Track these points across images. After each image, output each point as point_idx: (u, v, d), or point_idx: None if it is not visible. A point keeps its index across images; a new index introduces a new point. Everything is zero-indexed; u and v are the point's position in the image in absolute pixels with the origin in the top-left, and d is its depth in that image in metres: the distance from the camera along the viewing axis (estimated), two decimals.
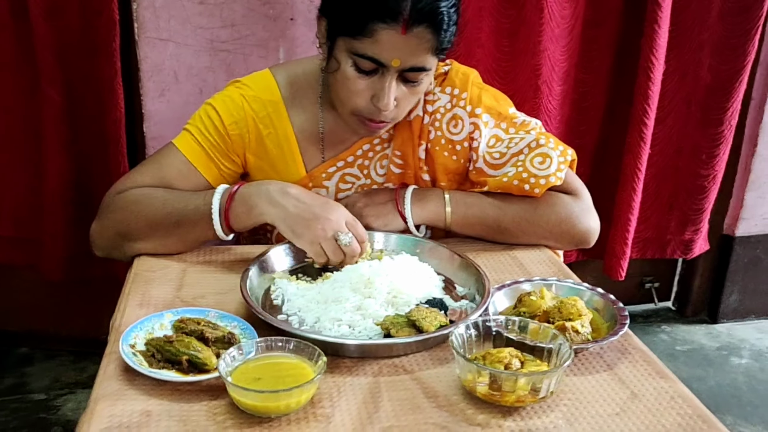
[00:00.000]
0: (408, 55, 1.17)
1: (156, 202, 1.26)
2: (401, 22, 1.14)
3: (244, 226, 1.23)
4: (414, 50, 1.17)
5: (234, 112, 1.34)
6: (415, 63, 1.19)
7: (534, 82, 1.90)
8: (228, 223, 1.23)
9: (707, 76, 2.07)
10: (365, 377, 0.96)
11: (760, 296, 2.55)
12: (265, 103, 1.36)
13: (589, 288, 1.14)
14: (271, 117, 1.36)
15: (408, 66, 1.19)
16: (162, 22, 1.76)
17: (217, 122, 1.34)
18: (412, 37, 1.15)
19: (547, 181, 1.32)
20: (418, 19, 1.14)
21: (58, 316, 2.17)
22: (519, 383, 0.87)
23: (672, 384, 0.96)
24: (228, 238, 1.26)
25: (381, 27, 1.14)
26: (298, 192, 1.21)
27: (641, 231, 2.27)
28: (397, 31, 1.14)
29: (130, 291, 1.16)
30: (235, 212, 1.22)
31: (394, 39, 1.15)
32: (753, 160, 2.34)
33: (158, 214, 1.24)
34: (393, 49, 1.16)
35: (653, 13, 1.87)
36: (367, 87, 1.22)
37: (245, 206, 1.21)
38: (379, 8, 1.13)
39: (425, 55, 1.18)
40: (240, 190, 1.23)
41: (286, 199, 1.19)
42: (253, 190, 1.22)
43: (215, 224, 1.22)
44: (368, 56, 1.17)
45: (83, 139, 1.86)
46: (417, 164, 1.38)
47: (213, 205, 1.22)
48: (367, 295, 1.10)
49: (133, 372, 0.93)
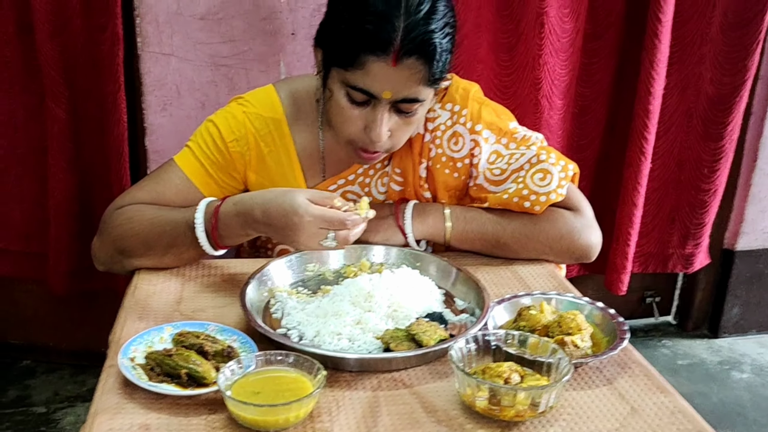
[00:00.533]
0: (399, 86, 1.16)
1: (146, 221, 1.25)
2: (391, 54, 1.12)
3: (233, 241, 1.24)
4: (405, 82, 1.15)
5: (235, 129, 1.34)
6: (407, 94, 1.17)
7: (534, 97, 1.91)
8: (218, 244, 1.22)
9: (708, 90, 2.08)
10: (364, 391, 0.96)
11: (761, 310, 2.55)
12: (267, 120, 1.35)
13: (588, 302, 1.14)
14: (273, 135, 1.36)
15: (400, 97, 1.17)
16: (165, 37, 1.77)
17: (218, 139, 1.34)
18: (403, 69, 1.14)
19: (547, 199, 1.32)
20: (409, 50, 1.12)
21: (59, 329, 2.18)
22: (518, 398, 0.87)
23: (672, 399, 0.96)
24: (216, 254, 1.25)
25: (371, 59, 1.13)
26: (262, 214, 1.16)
27: (643, 245, 2.27)
28: (387, 63, 1.13)
29: (130, 304, 1.16)
30: (224, 239, 1.22)
31: (385, 71, 1.14)
32: (753, 175, 2.34)
33: (151, 234, 1.24)
34: (384, 81, 1.15)
35: (653, 27, 1.88)
36: (360, 117, 1.21)
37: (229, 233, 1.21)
38: (369, 40, 1.12)
39: (417, 86, 1.16)
40: (222, 210, 1.21)
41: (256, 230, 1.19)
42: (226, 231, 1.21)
43: (206, 248, 1.22)
44: (359, 88, 1.16)
45: (87, 154, 1.87)
46: (417, 182, 1.38)
47: (201, 242, 1.21)
48: (367, 308, 1.10)
49: (132, 385, 0.93)
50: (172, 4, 1.75)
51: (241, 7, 1.79)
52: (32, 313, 2.15)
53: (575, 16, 1.89)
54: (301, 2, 1.80)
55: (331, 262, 1.30)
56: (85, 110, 1.83)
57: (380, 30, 1.11)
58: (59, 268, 1.92)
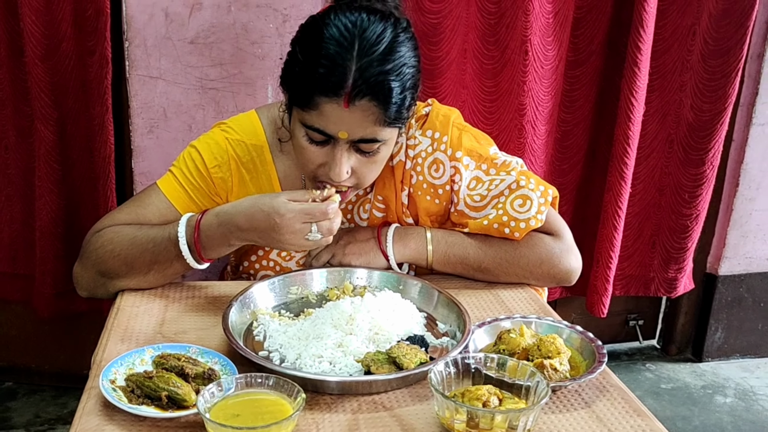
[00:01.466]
0: (354, 127, 1.16)
1: (127, 243, 1.26)
2: (343, 96, 1.13)
3: (218, 253, 1.25)
4: (360, 123, 1.16)
5: (217, 155, 1.35)
6: (363, 135, 1.18)
7: (519, 122, 1.93)
8: (202, 258, 1.25)
9: (689, 117, 2.11)
10: (344, 414, 0.96)
11: (744, 335, 2.57)
12: (249, 147, 1.36)
13: (568, 326, 1.15)
14: (255, 162, 1.37)
15: (356, 138, 1.18)
16: (153, 60, 1.79)
17: (200, 165, 1.34)
18: (356, 111, 1.14)
19: (527, 225, 1.33)
20: (361, 92, 1.13)
21: (41, 351, 2.16)
22: (496, 421, 0.88)
23: (649, 422, 0.97)
24: (201, 267, 1.27)
25: (324, 100, 1.14)
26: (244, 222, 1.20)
27: (624, 268, 2.29)
28: (339, 105, 1.14)
29: (113, 326, 1.16)
30: (207, 252, 1.24)
31: (338, 112, 1.15)
32: (735, 200, 2.37)
33: (132, 254, 1.25)
34: (338, 122, 1.16)
35: (633, 55, 1.92)
36: (320, 156, 1.22)
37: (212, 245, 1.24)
38: (321, 82, 1.13)
39: (373, 126, 1.17)
40: (203, 221, 1.24)
41: (239, 239, 1.22)
42: (208, 242, 1.24)
43: (190, 262, 1.24)
44: (316, 128, 1.17)
45: (74, 176, 1.88)
46: (400, 209, 1.39)
47: (185, 256, 1.23)
48: (349, 331, 1.11)
49: (113, 407, 0.93)
50: (161, 29, 1.77)
51: (230, 31, 1.81)
52: (15, 334, 2.13)
53: (558, 44, 1.93)
54: (289, 27, 1.82)
55: (314, 285, 1.31)
56: (73, 132, 1.84)
57: (331, 73, 1.12)
58: (44, 290, 1.92)
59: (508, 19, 1.85)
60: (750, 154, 2.31)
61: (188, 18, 1.77)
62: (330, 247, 1.36)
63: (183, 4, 1.76)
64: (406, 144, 1.37)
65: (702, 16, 2.01)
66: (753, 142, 2.30)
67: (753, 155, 2.32)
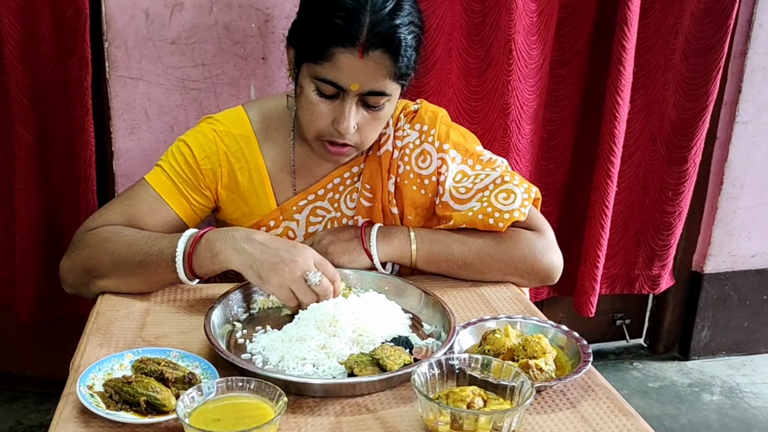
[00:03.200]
0: (367, 78, 1.21)
1: (123, 240, 1.25)
2: (358, 47, 1.18)
3: (207, 271, 1.22)
4: (372, 74, 1.21)
5: (206, 147, 1.37)
6: (373, 87, 1.22)
7: (503, 121, 1.93)
8: (191, 268, 1.22)
9: (672, 115, 2.12)
10: (327, 417, 0.95)
11: (730, 333, 2.58)
12: (237, 137, 1.38)
13: (553, 325, 1.14)
14: (243, 151, 1.38)
15: (367, 90, 1.22)
16: (133, 61, 1.77)
17: (189, 157, 1.36)
18: (370, 62, 1.20)
19: (511, 216, 1.34)
20: (375, 43, 1.18)
21: (23, 357, 2.13)
22: (480, 422, 0.87)
23: (635, 422, 0.96)
24: (192, 284, 1.26)
25: (339, 51, 1.19)
26: (263, 237, 1.21)
27: (610, 267, 2.29)
28: (354, 55, 1.19)
29: (91, 330, 1.14)
30: (199, 257, 1.21)
31: (352, 63, 1.19)
32: (719, 198, 2.38)
33: (123, 252, 1.24)
34: (351, 73, 1.20)
35: (618, 54, 1.92)
36: (328, 111, 1.25)
37: (209, 252, 1.20)
38: (336, 33, 1.18)
39: (384, 79, 1.22)
40: (206, 236, 1.22)
41: (252, 246, 1.19)
42: (218, 236, 1.21)
43: (178, 268, 1.21)
44: (328, 80, 1.21)
45: (54, 178, 1.85)
46: (386, 198, 1.40)
47: (177, 249, 1.21)
48: (332, 333, 1.10)
49: (90, 414, 0.91)
50: (142, 29, 1.75)
51: (212, 31, 1.79)
52: None
53: (542, 43, 1.92)
54: (271, 27, 1.81)
55: None
56: (53, 134, 1.81)
57: (348, 24, 1.18)
58: (26, 294, 1.89)
59: (492, 17, 1.84)
60: (733, 152, 2.32)
61: (169, 18, 1.75)
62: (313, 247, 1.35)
63: (164, 5, 1.74)
64: (394, 135, 1.40)
65: (684, 15, 2.01)
66: (736, 140, 2.31)
67: (736, 153, 2.33)
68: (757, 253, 2.49)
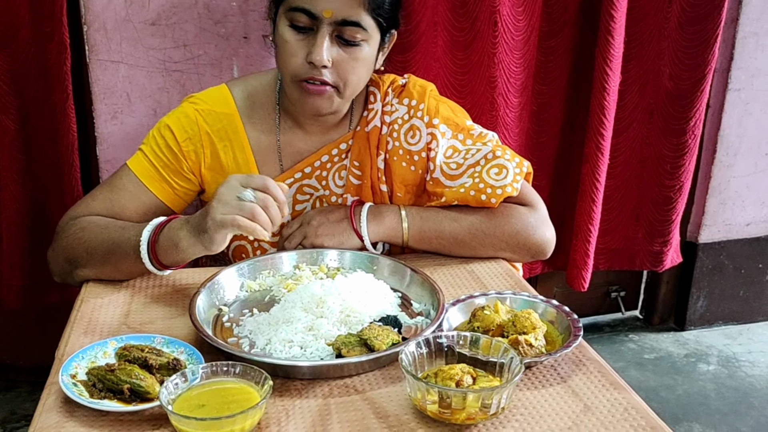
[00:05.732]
0: (339, 5, 1.20)
1: (97, 230, 1.24)
2: None
3: (172, 261, 1.18)
4: (345, 1, 1.20)
5: (188, 129, 1.34)
6: (347, 15, 1.21)
7: (490, 95, 1.90)
8: (156, 258, 1.18)
9: (668, 85, 2.08)
10: (315, 399, 0.94)
11: (725, 302, 2.57)
12: (220, 116, 1.36)
13: (543, 300, 1.13)
14: (227, 130, 1.36)
15: (340, 18, 1.21)
16: (113, 44, 1.73)
17: (171, 140, 1.34)
18: None
19: (503, 191, 1.32)
20: None
21: (15, 346, 2.11)
22: (468, 400, 0.85)
23: (626, 395, 0.95)
24: (162, 273, 1.22)
25: None
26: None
27: (608, 242, 2.26)
28: None
29: (76, 318, 1.13)
30: (162, 246, 1.17)
31: None
32: (713, 167, 2.36)
33: (96, 242, 1.22)
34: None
35: (606, 24, 1.88)
36: (303, 46, 1.24)
37: (171, 240, 1.16)
38: None
39: (357, 9, 1.21)
40: (169, 224, 1.18)
41: (199, 218, 1.13)
42: (179, 223, 1.16)
43: (143, 258, 1.17)
44: (300, 8, 1.21)
45: (39, 166, 1.82)
46: (375, 175, 1.38)
47: (141, 238, 1.17)
48: (319, 314, 1.08)
49: (74, 403, 0.90)
50: (121, 11, 1.71)
51: (192, 11, 1.75)
52: None
53: (529, 15, 1.89)
54: (252, 5, 1.77)
55: (285, 268, 1.28)
56: (36, 121, 1.78)
57: None
58: (12, 282, 1.87)
59: None
60: (726, 120, 2.30)
61: None
62: (302, 229, 1.34)
63: None
64: (382, 110, 1.38)
65: None
66: (729, 108, 2.29)
67: (729, 121, 2.30)
68: (751, 222, 2.48)
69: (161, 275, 1.23)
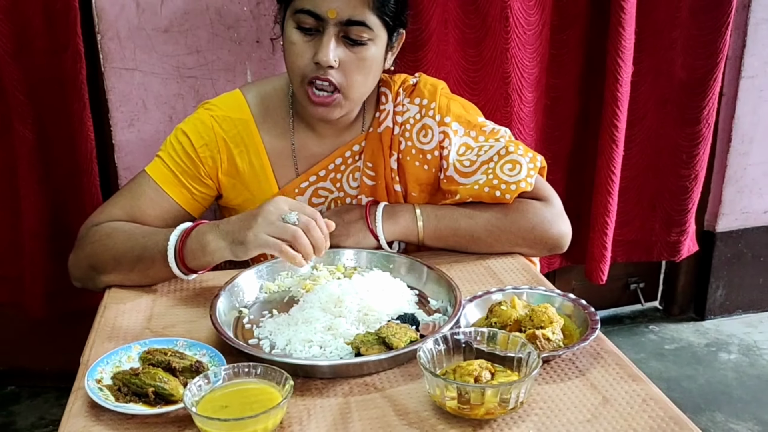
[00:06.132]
0: (344, 5, 1.21)
1: (123, 236, 1.25)
2: None
3: (200, 264, 1.20)
4: (349, 1, 1.21)
5: (204, 135, 1.36)
6: (351, 15, 1.22)
7: (504, 91, 1.90)
8: (183, 263, 1.20)
9: (681, 75, 2.07)
10: (335, 398, 0.95)
11: (745, 291, 2.56)
12: (235, 121, 1.37)
13: (560, 294, 1.13)
14: (242, 135, 1.37)
15: (345, 18, 1.22)
16: (127, 52, 1.76)
17: (188, 146, 1.35)
18: None
19: (517, 187, 1.33)
20: None
21: (41, 353, 2.15)
22: (486, 395, 0.86)
23: (644, 387, 0.95)
24: (188, 278, 1.24)
25: None
26: (242, 214, 1.19)
27: (625, 234, 2.26)
28: None
29: (100, 324, 1.15)
30: (190, 251, 1.19)
31: None
32: (729, 156, 2.34)
33: (122, 248, 1.24)
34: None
35: (617, 15, 1.88)
36: (309, 47, 1.25)
37: (198, 244, 1.18)
38: None
39: (362, 8, 1.22)
40: (196, 228, 1.20)
41: (230, 224, 1.17)
42: (207, 228, 1.19)
43: (171, 263, 1.19)
44: (306, 9, 1.22)
45: (56, 174, 1.85)
46: (389, 175, 1.39)
47: (169, 243, 1.19)
48: (337, 314, 1.10)
49: (100, 407, 0.92)
50: (133, 19, 1.73)
51: (204, 17, 1.77)
52: (12, 338, 2.12)
53: (540, 9, 1.89)
54: (264, 10, 1.79)
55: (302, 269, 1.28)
56: (53, 130, 1.81)
57: None
58: (36, 290, 1.90)
59: None
60: (741, 107, 2.29)
61: (160, 6, 1.74)
62: None
63: None
64: (394, 111, 1.39)
65: None
66: (743, 96, 2.27)
67: (744, 109, 2.29)
68: None
69: (186, 280, 1.24)
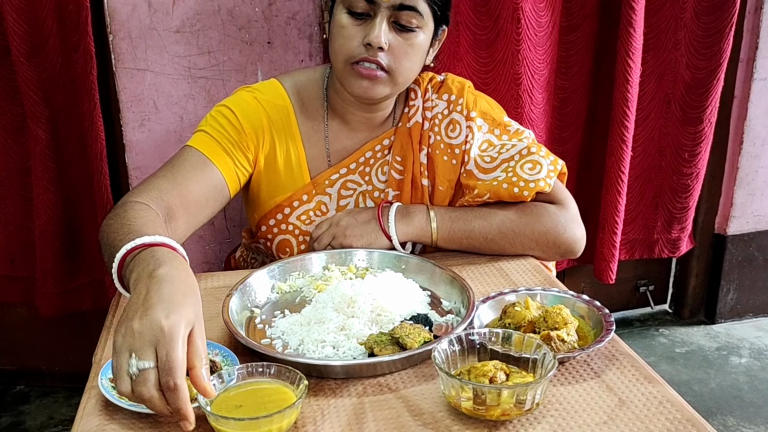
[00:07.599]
0: None
1: (118, 222, 1.09)
2: None
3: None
4: None
5: (249, 112, 1.35)
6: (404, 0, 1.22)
7: (515, 92, 1.90)
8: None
9: (685, 75, 2.08)
10: (349, 398, 0.95)
11: (756, 294, 2.54)
12: (279, 108, 1.38)
13: (574, 295, 1.13)
14: (283, 122, 1.38)
15: (398, 2, 1.23)
16: (139, 52, 1.76)
17: (232, 118, 1.33)
18: None
19: (536, 185, 1.33)
20: None
21: (51, 353, 2.16)
22: (502, 396, 0.86)
23: (660, 389, 0.94)
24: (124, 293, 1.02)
25: None
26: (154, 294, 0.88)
27: (628, 232, 2.27)
28: None
29: (112, 323, 1.15)
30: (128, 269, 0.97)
31: None
32: (740, 158, 2.33)
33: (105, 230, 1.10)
34: None
35: (627, 16, 1.88)
36: (359, 31, 1.25)
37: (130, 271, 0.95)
38: None
39: None
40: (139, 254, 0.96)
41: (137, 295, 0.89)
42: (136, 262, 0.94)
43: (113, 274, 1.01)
44: None
45: (70, 174, 1.86)
46: (418, 169, 1.40)
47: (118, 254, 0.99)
48: (350, 314, 1.09)
49: (114, 406, 0.91)
50: (145, 20, 1.74)
51: (216, 18, 1.78)
52: (23, 337, 2.13)
53: (551, 10, 1.89)
54: (275, 10, 1.79)
55: (315, 269, 1.29)
56: (66, 130, 1.82)
57: None
58: (47, 290, 1.91)
59: None
60: (752, 110, 2.28)
61: (172, 7, 1.74)
62: (330, 230, 1.35)
63: None
64: (423, 106, 1.41)
65: None
66: (755, 98, 2.26)
67: (756, 111, 2.28)
68: None
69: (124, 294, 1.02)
